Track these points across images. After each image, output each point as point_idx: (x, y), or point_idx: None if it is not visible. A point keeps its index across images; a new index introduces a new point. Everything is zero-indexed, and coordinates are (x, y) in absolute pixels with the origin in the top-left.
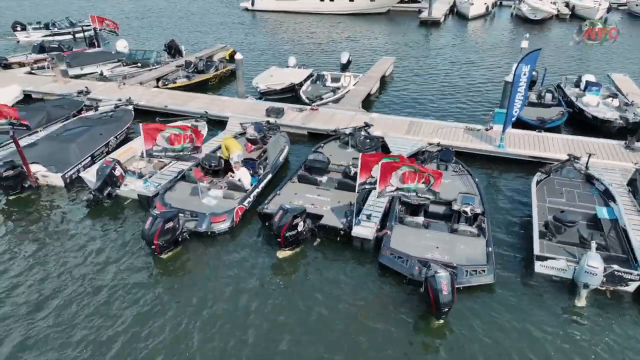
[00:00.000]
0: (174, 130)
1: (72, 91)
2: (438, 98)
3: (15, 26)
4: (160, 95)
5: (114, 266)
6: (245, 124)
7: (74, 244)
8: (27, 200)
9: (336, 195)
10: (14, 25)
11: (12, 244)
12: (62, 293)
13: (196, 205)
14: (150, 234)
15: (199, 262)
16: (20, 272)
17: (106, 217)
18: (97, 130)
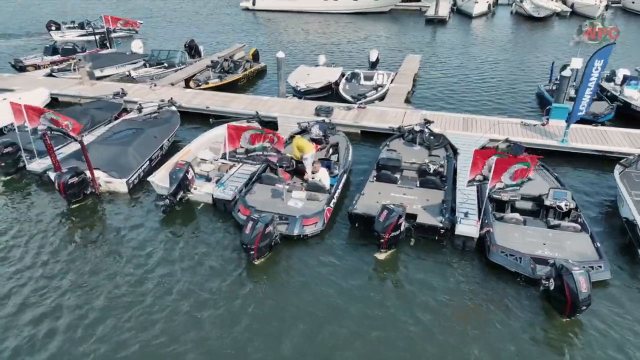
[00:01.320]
0: (255, 130)
1: (100, 94)
2: (471, 94)
3: (50, 25)
4: (199, 96)
5: (206, 275)
6: (303, 124)
7: (156, 253)
8: (89, 209)
9: (422, 194)
10: (48, 25)
11: (88, 256)
12: (160, 308)
13: (282, 207)
14: (252, 238)
15: (292, 267)
16: (116, 288)
17: (180, 223)
18: (151, 132)
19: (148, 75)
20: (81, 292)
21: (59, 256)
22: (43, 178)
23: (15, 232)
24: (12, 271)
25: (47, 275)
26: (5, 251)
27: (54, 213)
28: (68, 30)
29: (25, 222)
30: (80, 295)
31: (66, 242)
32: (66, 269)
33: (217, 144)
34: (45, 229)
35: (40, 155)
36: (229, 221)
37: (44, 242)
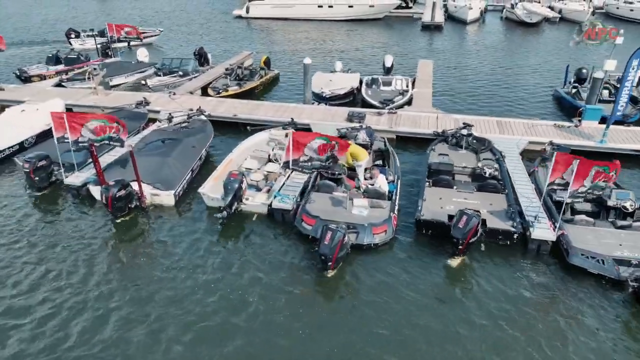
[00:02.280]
0: (322, 139)
1: (116, 103)
2: (488, 97)
3: (70, 33)
4: (222, 104)
5: (276, 288)
6: (343, 130)
7: (218, 269)
8: (136, 223)
9: (484, 198)
10: (68, 33)
11: (143, 274)
12: (234, 325)
13: (347, 216)
14: (332, 248)
15: (363, 277)
16: (181, 307)
17: (236, 235)
18: (188, 142)
19: (163, 84)
20: (144, 314)
21: (111, 275)
22: (81, 192)
23: (60, 251)
24: (68, 294)
25: (104, 297)
26: (55, 272)
27: (98, 229)
28: (88, 38)
29: (69, 240)
30: (146, 319)
31: (117, 260)
32: (121, 288)
33: (258, 152)
34: (91, 245)
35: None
36: (289, 232)
37: (92, 260)
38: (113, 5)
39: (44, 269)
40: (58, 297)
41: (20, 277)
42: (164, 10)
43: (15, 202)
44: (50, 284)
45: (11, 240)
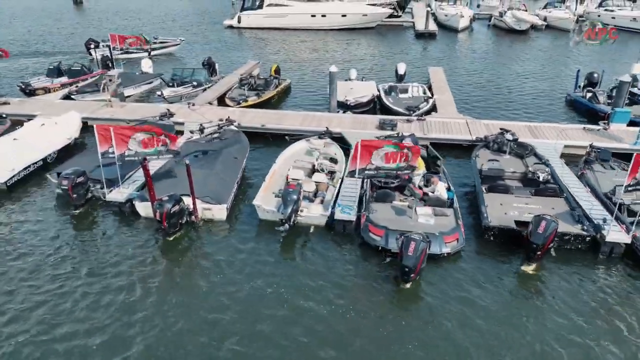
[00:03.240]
0: (391, 147)
1: (134, 116)
2: (502, 102)
3: (89, 43)
4: (246, 114)
5: (349, 302)
6: (382, 138)
7: (289, 286)
8: (188, 240)
9: (544, 202)
10: (87, 43)
11: (202, 293)
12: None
13: (413, 225)
14: (416, 259)
15: (438, 288)
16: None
17: (298, 249)
18: (228, 153)
19: (178, 95)
20: (216, 338)
21: (170, 296)
22: (124, 209)
23: (111, 274)
24: (136, 319)
25: (169, 322)
26: (111, 297)
27: (149, 247)
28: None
29: (118, 262)
30: (219, 343)
31: (173, 281)
32: (184, 311)
33: (299, 162)
34: (143, 266)
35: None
36: (352, 243)
37: (147, 281)
38: (97, 16)
39: (97, 293)
40: (118, 325)
41: (73, 304)
42: (153, 22)
43: (52, 223)
44: (107, 309)
45: (54, 265)
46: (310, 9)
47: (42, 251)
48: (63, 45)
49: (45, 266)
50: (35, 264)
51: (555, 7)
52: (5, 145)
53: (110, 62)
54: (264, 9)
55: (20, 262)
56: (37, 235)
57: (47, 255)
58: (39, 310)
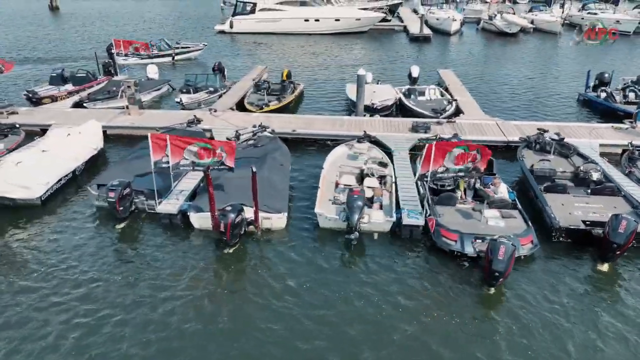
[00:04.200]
0: (462, 149)
1: (155, 123)
2: (516, 102)
3: (111, 48)
4: (273, 119)
5: (430, 312)
6: (423, 140)
7: (364, 297)
8: (249, 251)
9: (605, 202)
10: (109, 48)
11: (273, 307)
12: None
13: (485, 228)
14: (507, 262)
15: (520, 292)
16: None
17: (368, 257)
18: (275, 160)
19: (196, 101)
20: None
21: (240, 312)
22: (174, 221)
23: (174, 290)
24: (213, 336)
25: (251, 343)
26: (179, 316)
27: (210, 261)
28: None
29: (179, 277)
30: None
31: (241, 295)
32: (256, 326)
33: (345, 167)
34: (207, 280)
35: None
36: (421, 248)
37: (213, 297)
38: (81, 22)
39: (166, 312)
40: (190, 342)
41: (143, 324)
42: (142, 28)
43: (98, 238)
44: (179, 329)
45: (108, 284)
46: (304, 13)
47: (92, 268)
48: (54, 52)
49: (101, 284)
50: (88, 282)
51: (541, 11)
52: (35, 157)
53: (112, 68)
54: (256, 14)
55: (72, 280)
56: (84, 251)
57: (101, 272)
58: (103, 329)
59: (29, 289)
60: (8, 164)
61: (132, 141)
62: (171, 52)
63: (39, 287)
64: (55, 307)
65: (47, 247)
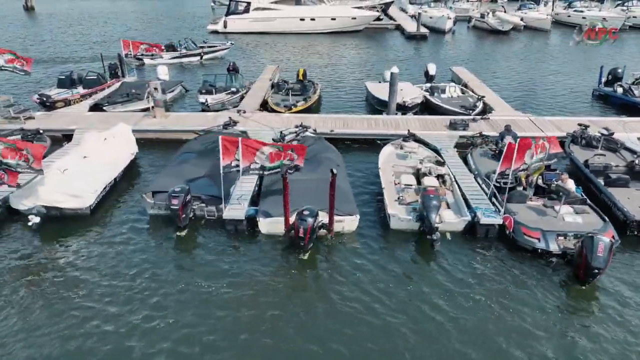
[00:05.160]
0: (534, 141)
1: (182, 126)
2: (529, 97)
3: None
4: (311, 120)
5: (529, 307)
6: (476, 135)
7: (449, 299)
8: (322, 256)
9: None
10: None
11: (358, 314)
12: None
13: (564, 225)
14: (605, 259)
15: (615, 288)
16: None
17: (441, 257)
18: (329, 161)
19: (221, 102)
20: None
21: (329, 320)
22: (240, 227)
23: (253, 302)
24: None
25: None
26: (266, 329)
27: (285, 266)
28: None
29: (259, 281)
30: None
31: (326, 304)
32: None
33: (398, 167)
34: (283, 285)
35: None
36: (498, 247)
37: (297, 304)
38: (67, 22)
39: (250, 322)
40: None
41: (223, 333)
42: (136, 29)
43: (157, 248)
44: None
45: (179, 294)
46: (299, 12)
47: (158, 279)
48: (48, 53)
49: (172, 296)
50: (157, 294)
51: (530, 9)
52: (78, 164)
53: (119, 70)
54: (250, 13)
55: (140, 292)
56: (146, 262)
57: (168, 283)
58: (183, 341)
59: (98, 305)
60: (54, 171)
61: (161, 145)
62: (199, 51)
63: (110, 302)
64: (134, 324)
65: (107, 259)
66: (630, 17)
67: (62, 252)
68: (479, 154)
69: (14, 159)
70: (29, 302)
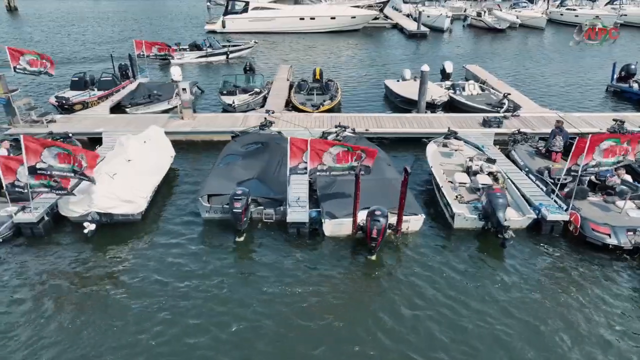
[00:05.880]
0: (612, 141)
1: (213, 128)
2: (544, 94)
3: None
4: (340, 119)
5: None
6: (517, 135)
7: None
8: (389, 257)
9: None
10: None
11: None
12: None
13: (628, 220)
14: None
15: None
16: None
17: (508, 256)
18: (384, 160)
19: (246, 103)
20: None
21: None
22: (302, 230)
23: (328, 308)
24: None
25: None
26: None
27: (354, 268)
28: (188, 52)
29: (332, 284)
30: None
31: (395, 309)
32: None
33: (446, 165)
34: (353, 288)
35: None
36: (563, 244)
37: (369, 306)
38: (57, 23)
39: (322, 327)
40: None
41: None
42: (132, 29)
43: (218, 253)
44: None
45: (248, 300)
46: (299, 12)
47: (225, 285)
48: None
49: (242, 302)
50: (227, 301)
51: (524, 7)
52: (124, 168)
53: (130, 71)
54: (249, 13)
55: (210, 299)
56: (208, 268)
57: (232, 288)
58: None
59: (169, 316)
60: (104, 176)
61: (192, 147)
62: (226, 50)
63: (179, 312)
64: (201, 331)
65: (165, 265)
66: (621, 15)
67: (116, 260)
68: (524, 151)
69: (68, 164)
70: (86, 316)
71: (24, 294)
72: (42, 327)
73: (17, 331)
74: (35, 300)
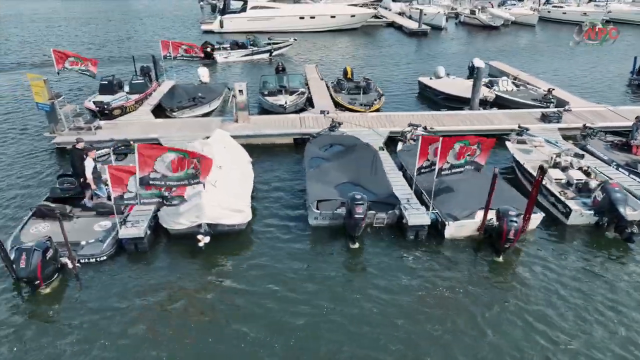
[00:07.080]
0: None
1: (269, 130)
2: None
3: (206, 47)
4: (404, 118)
5: None
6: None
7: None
8: (512, 258)
9: None
10: (204, 46)
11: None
12: None
13: None
14: None
15: None
16: None
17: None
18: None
19: (295, 104)
20: None
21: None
22: (420, 233)
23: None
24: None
25: None
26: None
27: (478, 272)
28: (233, 51)
29: (457, 292)
30: None
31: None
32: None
33: (528, 163)
34: (486, 293)
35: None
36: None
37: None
38: (48, 24)
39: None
40: None
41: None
42: (127, 29)
43: (331, 261)
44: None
45: (384, 307)
46: (299, 11)
47: (350, 294)
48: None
49: (385, 309)
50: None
51: (514, 5)
52: (221, 177)
53: (154, 72)
54: (247, 12)
55: (327, 314)
56: (325, 277)
57: (347, 303)
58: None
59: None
60: (207, 185)
61: (251, 151)
62: (270, 48)
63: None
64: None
65: (282, 277)
66: (607, 12)
67: (227, 272)
68: (601, 145)
69: (184, 169)
70: (202, 329)
71: (152, 313)
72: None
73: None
74: (175, 317)
